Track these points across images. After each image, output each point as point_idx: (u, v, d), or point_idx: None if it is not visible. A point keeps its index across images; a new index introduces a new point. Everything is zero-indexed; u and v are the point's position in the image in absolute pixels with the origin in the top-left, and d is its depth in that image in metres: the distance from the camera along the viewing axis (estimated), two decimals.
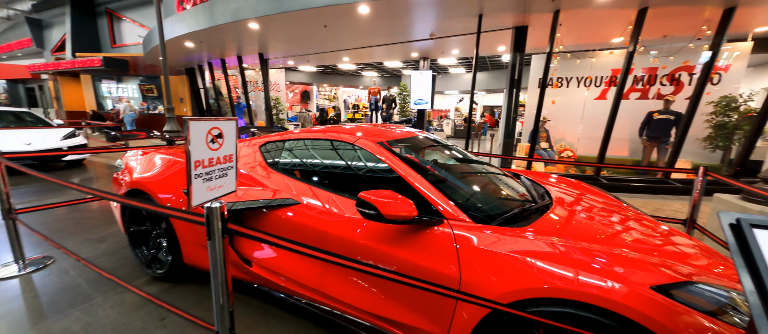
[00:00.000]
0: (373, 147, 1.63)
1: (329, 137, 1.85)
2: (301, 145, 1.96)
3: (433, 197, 1.34)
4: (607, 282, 0.95)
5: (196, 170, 0.92)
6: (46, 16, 15.97)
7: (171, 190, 1.91)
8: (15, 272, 2.19)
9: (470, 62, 12.88)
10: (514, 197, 1.72)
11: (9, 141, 5.07)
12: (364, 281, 1.42)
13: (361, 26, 5.62)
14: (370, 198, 1.17)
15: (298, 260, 1.60)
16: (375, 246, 1.33)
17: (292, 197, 1.66)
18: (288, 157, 1.94)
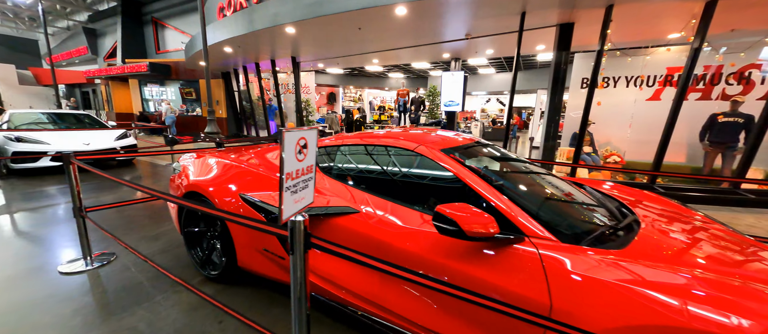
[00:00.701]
0: (437, 155, 1.55)
1: (387, 143, 1.79)
2: (357, 150, 1.91)
3: (511, 212, 1.24)
4: (742, 321, 0.80)
5: (287, 183, 0.88)
6: (100, 26, 17.45)
7: (228, 193, 1.94)
8: (83, 267, 2.33)
9: (501, 62, 12.46)
10: (596, 211, 1.56)
11: (72, 141, 5.52)
12: (428, 296, 1.34)
13: (395, 28, 5.57)
14: (449, 212, 1.08)
15: (354, 268, 1.55)
16: (444, 262, 1.24)
17: (350, 205, 1.62)
18: (342, 163, 1.90)
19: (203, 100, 13.28)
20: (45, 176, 5.29)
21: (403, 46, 7.11)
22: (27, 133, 5.24)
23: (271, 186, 1.90)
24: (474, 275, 1.16)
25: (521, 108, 21.42)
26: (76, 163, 2.23)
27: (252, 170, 1.99)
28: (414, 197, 1.55)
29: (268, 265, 1.88)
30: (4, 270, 2.29)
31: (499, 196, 1.30)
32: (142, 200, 3.26)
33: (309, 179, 0.92)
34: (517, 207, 1.26)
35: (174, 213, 2.38)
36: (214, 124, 6.41)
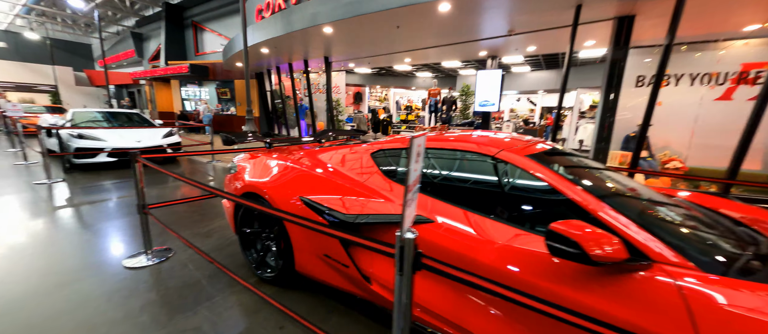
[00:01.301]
0: (524, 162, 1.39)
1: (461, 147, 1.66)
2: (426, 154, 1.80)
3: (632, 233, 1.06)
4: None
5: (410, 194, 0.78)
6: (145, 30, 18.67)
7: (287, 196, 1.90)
8: (144, 262, 2.40)
9: (537, 60, 11.85)
10: (723, 233, 1.33)
11: (125, 139, 5.87)
12: (518, 320, 1.20)
13: (433, 25, 5.41)
14: (569, 232, 0.93)
15: (431, 284, 1.44)
16: (551, 287, 1.09)
17: (422, 214, 1.50)
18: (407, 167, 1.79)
19: (237, 100, 13.80)
20: (101, 170, 5.67)
21: (438, 45, 6.93)
22: (87, 131, 5.63)
23: (330, 189, 1.83)
24: (594, 306, 1.00)
25: (552, 108, 20.35)
26: (142, 162, 2.30)
27: (311, 173, 1.93)
28: (497, 208, 1.40)
29: (328, 272, 1.81)
30: (76, 261, 2.41)
31: (613, 213, 1.13)
32: (201, 197, 3.34)
33: (417, 191, 0.81)
34: (638, 226, 1.08)
35: (229, 213, 2.39)
36: (251, 123, 6.58)
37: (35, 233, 2.91)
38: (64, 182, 4.80)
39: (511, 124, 13.29)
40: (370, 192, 1.73)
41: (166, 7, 14.86)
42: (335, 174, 1.90)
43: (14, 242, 2.71)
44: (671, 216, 1.38)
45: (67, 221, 3.24)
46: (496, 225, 1.32)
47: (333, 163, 2.02)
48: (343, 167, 1.97)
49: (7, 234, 2.85)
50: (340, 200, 1.76)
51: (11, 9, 17.51)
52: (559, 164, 1.48)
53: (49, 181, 4.67)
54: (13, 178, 4.92)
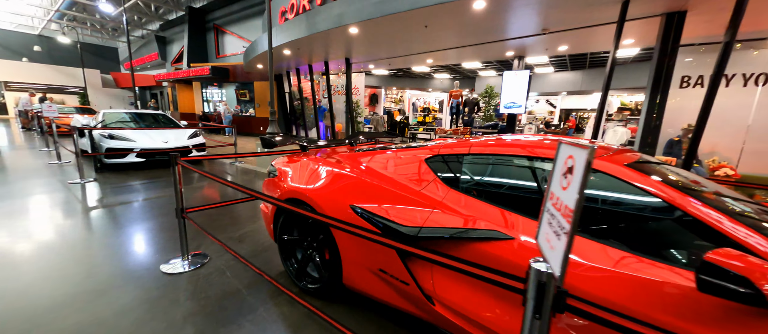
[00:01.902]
0: (625, 172, 1.21)
1: (538, 153, 1.49)
2: (490, 160, 1.63)
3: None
4: None
5: (548, 204, 0.63)
6: (168, 33, 19.22)
7: (336, 203, 1.77)
8: (182, 268, 2.32)
9: (563, 60, 11.44)
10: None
11: (153, 139, 5.94)
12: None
13: (463, 25, 5.23)
14: (733, 265, 0.75)
15: (509, 307, 1.27)
16: (691, 329, 0.90)
17: (497, 229, 1.34)
18: (471, 174, 1.64)
19: (256, 101, 13.96)
20: (130, 170, 5.75)
21: (464, 45, 6.73)
22: (117, 131, 5.73)
23: (382, 197, 1.69)
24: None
25: (571, 110, 19.73)
26: (181, 164, 2.23)
27: (362, 180, 1.79)
28: (588, 225, 1.23)
29: (381, 288, 1.67)
30: (114, 264, 2.36)
31: (761, 239, 0.93)
32: (239, 200, 3.28)
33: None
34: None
35: (268, 218, 2.29)
36: (275, 124, 6.55)
37: (73, 233, 2.90)
38: (95, 181, 4.88)
39: (532, 127, 12.90)
40: (428, 202, 1.58)
41: (189, 11, 15.23)
42: (387, 181, 1.76)
43: (53, 242, 2.70)
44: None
45: (101, 222, 3.23)
46: (593, 245, 1.15)
47: (381, 169, 1.88)
48: (394, 173, 1.82)
49: (47, 234, 2.86)
50: (396, 210, 1.61)
51: (46, 14, 18.38)
52: (660, 175, 1.28)
53: (82, 180, 4.74)
54: (49, 177, 5.03)
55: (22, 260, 2.38)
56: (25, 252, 2.51)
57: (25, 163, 6.08)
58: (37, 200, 3.83)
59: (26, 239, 2.75)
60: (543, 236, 0.69)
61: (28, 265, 2.32)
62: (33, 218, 3.26)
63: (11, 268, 2.27)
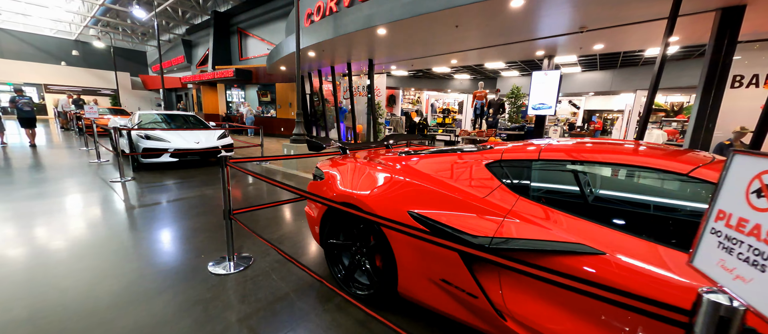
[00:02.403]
0: None
1: (632, 161, 1.37)
2: (572, 168, 1.53)
3: None
4: None
5: (716, 224, 0.54)
6: (194, 37, 19.91)
7: (393, 209, 1.72)
8: (230, 269, 2.33)
9: (593, 60, 11.00)
10: None
11: (186, 140, 6.12)
12: None
13: (494, 24, 5.10)
14: None
15: (598, 325, 1.17)
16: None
17: (586, 243, 1.24)
18: (549, 182, 1.54)
19: (277, 102, 14.21)
20: (164, 169, 5.94)
21: (494, 45, 6.57)
22: (152, 132, 5.93)
23: (441, 204, 1.62)
24: None
25: (594, 111, 18.96)
26: (230, 166, 2.24)
27: (421, 185, 1.73)
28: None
29: (443, 299, 1.60)
30: (164, 263, 2.40)
31: None
32: (285, 201, 3.30)
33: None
34: None
35: (314, 222, 2.27)
36: (301, 126, 6.61)
37: (122, 231, 3.00)
38: (133, 180, 5.05)
39: (558, 129, 12.48)
40: (495, 210, 1.49)
41: (215, 15, 15.70)
42: (445, 186, 1.69)
43: (106, 240, 2.79)
44: None
45: (145, 220, 3.32)
46: None
47: (437, 173, 1.81)
48: (451, 178, 1.75)
49: (100, 231, 2.96)
50: (459, 217, 1.54)
51: (82, 20, 19.45)
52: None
53: (122, 179, 4.93)
54: (92, 175, 5.27)
55: (79, 256, 2.47)
56: (83, 248, 2.60)
57: (69, 162, 6.40)
58: (85, 198, 3.99)
59: (82, 235, 2.86)
60: (713, 261, 0.60)
61: (86, 261, 2.40)
62: (84, 215, 3.40)
63: (71, 263, 2.35)
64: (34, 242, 2.70)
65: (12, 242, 2.67)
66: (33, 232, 2.90)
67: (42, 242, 2.71)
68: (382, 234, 1.78)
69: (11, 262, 2.36)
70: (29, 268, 2.28)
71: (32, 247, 2.61)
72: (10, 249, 2.55)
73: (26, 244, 2.65)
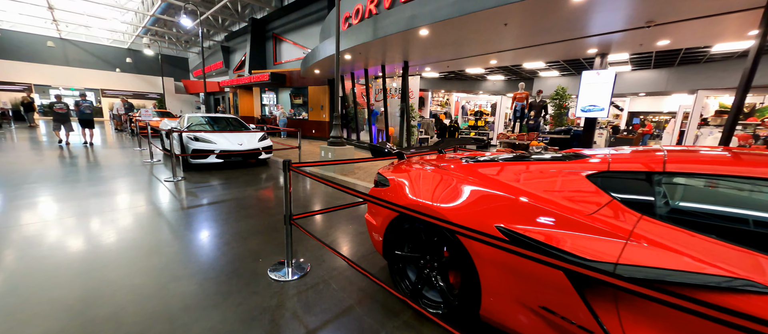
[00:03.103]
0: None
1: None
2: (717, 182, 1.29)
3: None
4: None
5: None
6: (232, 43, 20.93)
7: (478, 224, 1.55)
8: (289, 276, 2.29)
9: (646, 58, 10.12)
10: None
11: (230, 142, 6.34)
12: None
13: (547, 21, 4.77)
14: None
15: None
16: None
17: (744, 276, 1.01)
18: (685, 200, 1.32)
19: (309, 105, 14.51)
20: (210, 170, 6.17)
21: (541, 43, 6.20)
22: (201, 134, 6.20)
23: (532, 219, 1.43)
24: None
25: (637, 113, 17.48)
26: (294, 171, 2.19)
27: (514, 198, 1.55)
28: None
29: (542, 329, 1.41)
30: (226, 266, 2.41)
31: None
32: (343, 206, 3.25)
33: None
34: None
35: (377, 231, 2.16)
36: (338, 128, 6.62)
37: (184, 231, 3.08)
38: (184, 179, 5.28)
39: (604, 132, 11.61)
40: (609, 230, 1.29)
41: (252, 22, 16.39)
42: (539, 200, 1.50)
43: (169, 240, 2.87)
44: None
45: (202, 220, 3.41)
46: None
47: (525, 184, 1.63)
48: (544, 190, 1.56)
49: (163, 232, 3.06)
50: (562, 236, 1.35)
51: (134, 30, 21.14)
52: None
53: (174, 179, 5.17)
54: (147, 174, 5.58)
55: (146, 254, 2.54)
56: (148, 248, 2.69)
57: (126, 160, 6.86)
58: (145, 198, 4.20)
59: (145, 235, 2.97)
60: None
61: (153, 259, 2.46)
62: (145, 214, 3.55)
63: (139, 262, 2.42)
64: (99, 240, 2.83)
65: (79, 241, 2.82)
66: (99, 230, 3.06)
67: (110, 240, 2.83)
68: (461, 249, 1.63)
69: (81, 260, 2.47)
70: (101, 265, 2.37)
71: (98, 245, 2.73)
72: (77, 247, 2.69)
73: (92, 241, 2.79)
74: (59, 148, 8.32)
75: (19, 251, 2.54)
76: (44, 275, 2.21)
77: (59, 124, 8.66)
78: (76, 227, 3.08)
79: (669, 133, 14.44)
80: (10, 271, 2.24)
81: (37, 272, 2.23)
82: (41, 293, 2.00)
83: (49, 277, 2.17)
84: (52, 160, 6.54)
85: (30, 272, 2.23)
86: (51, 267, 2.31)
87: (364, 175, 5.59)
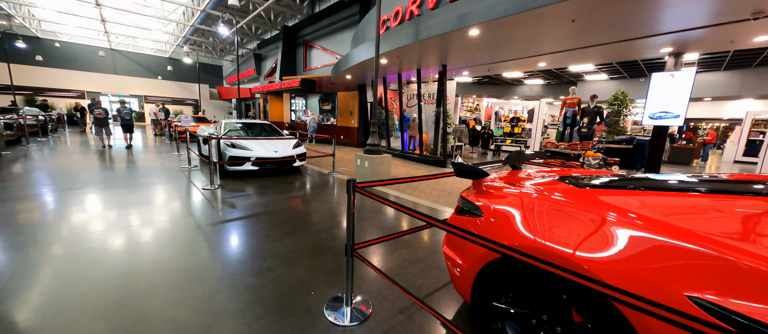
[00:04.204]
0: None
1: None
2: None
3: None
4: None
5: None
6: (264, 51, 21.50)
7: (655, 291, 1.06)
8: (348, 319, 1.89)
9: (719, 59, 8.97)
10: None
11: (266, 148, 6.17)
12: None
13: (623, 14, 4.14)
14: None
15: None
16: None
17: None
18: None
19: (338, 111, 14.40)
20: (246, 177, 6.02)
21: (607, 42, 5.51)
22: (238, 141, 6.08)
23: (741, 285, 0.93)
24: None
25: (691, 120, 15.73)
26: (359, 193, 1.81)
27: (690, 247, 1.05)
28: None
29: None
30: (278, 299, 2.06)
31: None
32: (410, 231, 2.85)
33: None
34: None
35: (463, 272, 1.71)
36: (376, 135, 6.28)
37: (223, 252, 2.81)
38: (221, 188, 5.13)
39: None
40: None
41: (284, 29, 16.67)
42: (747, 255, 0.98)
43: (208, 264, 2.60)
44: None
45: (243, 238, 3.13)
46: None
47: (723, 231, 1.11)
48: (756, 243, 1.04)
49: (201, 253, 2.80)
50: None
51: (175, 40, 22.33)
52: None
53: (212, 187, 5.03)
54: (184, 181, 5.50)
55: (189, 281, 2.26)
56: (191, 273, 2.42)
57: (164, 165, 6.91)
58: (184, 208, 4.04)
59: (188, 255, 2.72)
60: None
61: (196, 287, 2.17)
62: (185, 228, 3.34)
63: (183, 291, 2.14)
64: (139, 258, 2.61)
65: (117, 260, 2.61)
66: (138, 246, 2.85)
67: (149, 258, 2.60)
68: (614, 317, 1.14)
69: (118, 285, 2.23)
70: (140, 291, 2.11)
71: (136, 265, 2.49)
72: (115, 268, 2.46)
73: (131, 259, 2.56)
74: (103, 150, 8.66)
75: (56, 271, 2.35)
76: (78, 308, 1.96)
77: (100, 128, 9.05)
78: (115, 244, 2.89)
79: (733, 141, 12.79)
80: (47, 294, 2.03)
81: (73, 298, 2.00)
82: (77, 327, 1.74)
83: (84, 311, 1.92)
84: (97, 164, 6.71)
85: (66, 298, 2.00)
86: (86, 295, 2.07)
87: (422, 193, 5.07)
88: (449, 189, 5.54)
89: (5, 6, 16.23)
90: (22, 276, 2.23)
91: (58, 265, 2.41)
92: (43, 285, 2.13)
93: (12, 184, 4.74)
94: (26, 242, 2.77)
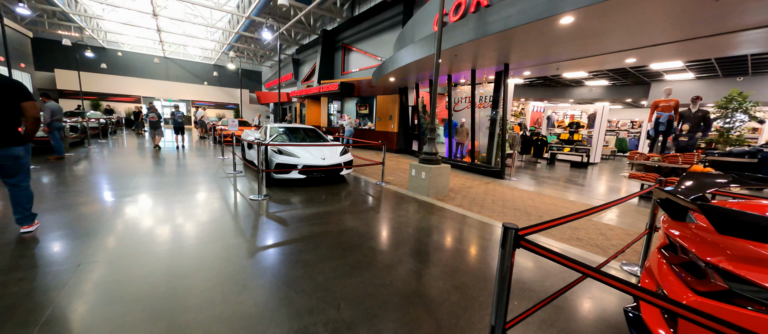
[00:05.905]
0: None
1: None
2: None
3: None
4: None
5: None
6: (302, 56, 21.77)
7: None
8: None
9: None
10: None
11: (313, 155, 5.70)
12: None
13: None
14: None
15: None
16: None
17: None
18: None
19: (377, 115, 13.90)
20: (292, 186, 5.58)
21: (723, 31, 4.35)
22: (284, 147, 5.67)
23: None
24: None
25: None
26: (526, 246, 1.10)
27: None
28: None
29: None
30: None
31: None
32: (566, 288, 2.04)
33: None
34: None
35: None
36: (433, 143, 5.56)
37: (287, 295, 2.24)
38: (268, 198, 4.70)
39: None
40: None
41: (323, 33, 16.60)
42: None
43: (264, 305, 2.03)
44: None
45: (303, 274, 2.56)
46: None
47: None
48: None
49: (256, 291, 2.26)
50: None
51: (221, 47, 23.39)
52: None
53: (259, 196, 4.62)
54: (231, 189, 5.17)
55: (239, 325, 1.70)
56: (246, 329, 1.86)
57: (210, 170, 6.71)
58: (233, 226, 3.60)
59: (243, 301, 2.18)
60: None
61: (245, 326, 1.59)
62: (236, 255, 2.85)
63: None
64: (186, 301, 2.10)
65: (170, 282, 2.12)
66: (184, 288, 2.37)
67: (201, 299, 2.09)
68: None
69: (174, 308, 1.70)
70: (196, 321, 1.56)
71: (179, 321, 1.98)
72: (165, 308, 1.97)
73: (180, 301, 2.06)
74: (156, 151, 8.83)
75: (95, 290, 1.90)
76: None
77: (153, 130, 9.34)
78: (156, 279, 2.44)
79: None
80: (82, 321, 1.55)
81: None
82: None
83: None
84: (150, 166, 6.68)
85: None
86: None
87: (489, 210, 4.33)
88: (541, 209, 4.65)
89: (78, 19, 17.86)
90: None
91: (99, 282, 1.97)
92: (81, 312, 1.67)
93: (65, 189, 4.67)
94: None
